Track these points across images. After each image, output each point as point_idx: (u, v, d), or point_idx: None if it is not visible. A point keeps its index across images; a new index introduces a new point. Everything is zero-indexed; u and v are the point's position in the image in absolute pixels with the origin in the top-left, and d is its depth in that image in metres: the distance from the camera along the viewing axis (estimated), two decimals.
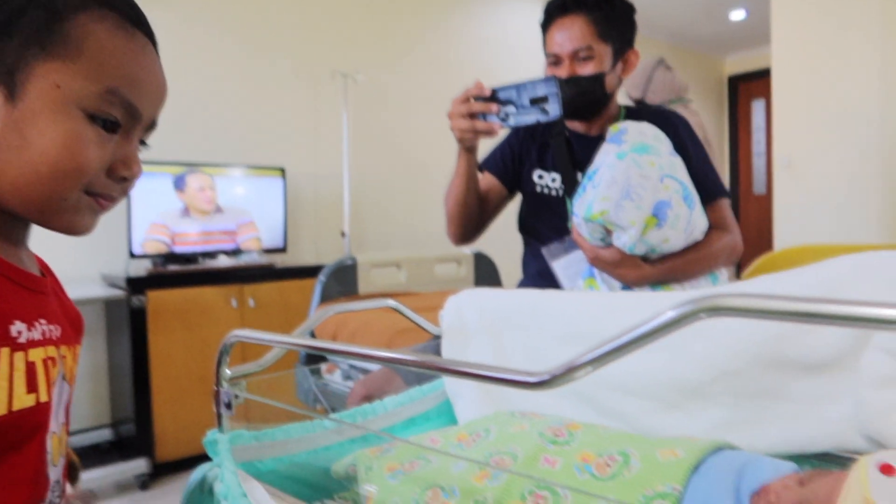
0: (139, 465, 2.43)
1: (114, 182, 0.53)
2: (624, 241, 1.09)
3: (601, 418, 0.80)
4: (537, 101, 1.08)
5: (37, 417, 0.48)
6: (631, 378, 0.77)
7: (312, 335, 1.80)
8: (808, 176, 4.10)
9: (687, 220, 1.14)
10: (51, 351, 0.49)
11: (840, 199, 3.97)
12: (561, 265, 1.32)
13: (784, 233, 4.22)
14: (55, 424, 0.48)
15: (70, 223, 0.51)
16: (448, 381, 0.95)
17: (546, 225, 1.36)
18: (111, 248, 2.72)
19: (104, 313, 2.73)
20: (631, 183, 1.07)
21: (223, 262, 2.74)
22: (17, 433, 0.46)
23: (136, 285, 2.41)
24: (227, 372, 0.73)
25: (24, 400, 0.46)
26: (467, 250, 3.13)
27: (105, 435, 2.72)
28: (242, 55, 3.09)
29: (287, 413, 0.91)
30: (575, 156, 1.32)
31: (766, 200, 5.54)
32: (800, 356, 0.65)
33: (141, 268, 2.60)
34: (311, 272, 2.67)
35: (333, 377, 2.06)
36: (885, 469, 0.44)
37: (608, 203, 1.06)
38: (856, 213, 3.92)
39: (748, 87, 5.92)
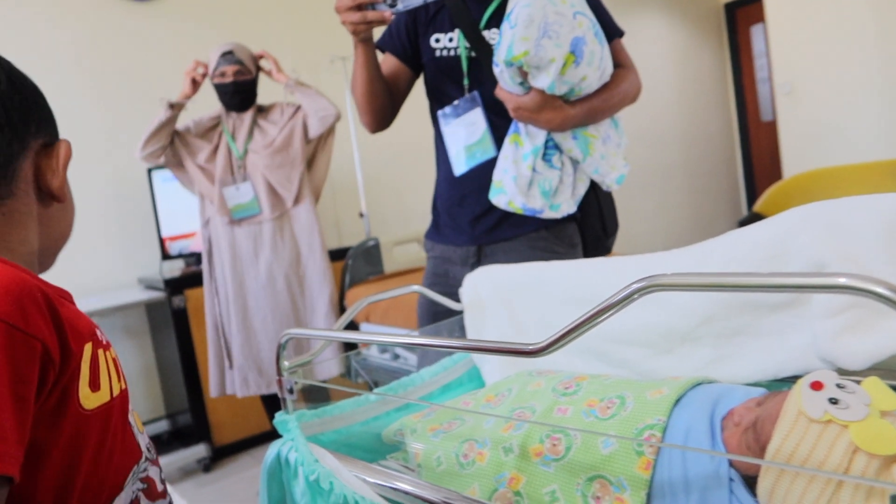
0: (199, 451, 2.63)
1: None
2: (544, 80, 1.10)
3: (608, 368, 0.93)
4: None
5: (125, 399, 0.60)
6: (629, 331, 0.89)
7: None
8: (811, 100, 4.10)
9: (600, 57, 1.17)
10: (112, 351, 0.61)
11: (843, 121, 3.98)
12: (451, 128, 1.31)
13: (792, 159, 4.25)
14: (131, 404, 0.63)
15: (54, 260, 0.68)
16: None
17: (447, 89, 1.33)
18: (144, 252, 2.87)
19: (146, 315, 2.91)
20: (548, 20, 1.08)
21: None
22: (120, 412, 0.58)
23: (174, 286, 2.57)
24: (286, 364, 0.86)
25: (116, 387, 0.58)
26: None
27: (163, 426, 2.93)
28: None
29: (338, 391, 1.05)
30: (470, 11, 1.29)
31: (773, 127, 5.53)
32: (766, 298, 0.76)
33: (175, 268, 2.75)
34: (337, 255, 2.79)
35: (370, 352, 2.22)
36: (815, 385, 0.56)
37: (528, 43, 1.06)
38: (860, 133, 3.93)
39: (745, 11, 5.84)
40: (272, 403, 2.47)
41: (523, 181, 1.18)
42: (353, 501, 0.70)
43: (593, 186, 1.34)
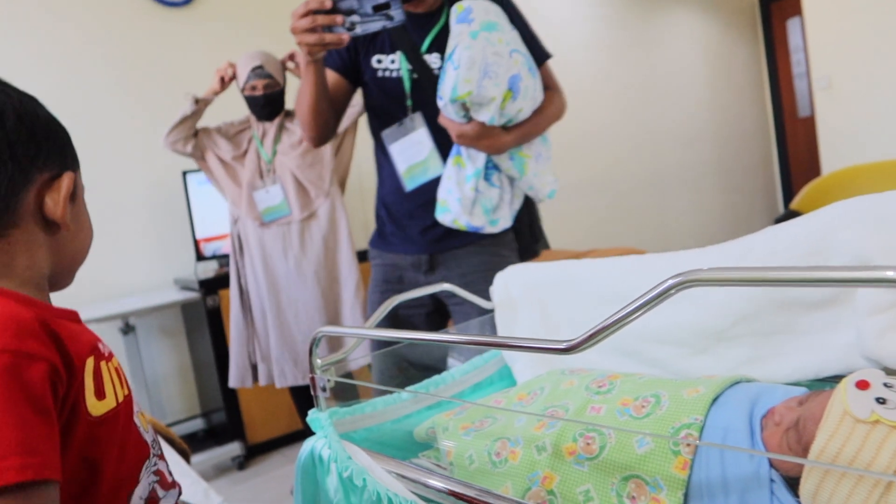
0: (234, 449, 2.67)
1: None
2: (485, 115, 1.20)
3: (641, 367, 0.91)
4: (380, 8, 1.10)
5: (129, 403, 0.67)
6: (663, 330, 0.88)
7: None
8: (849, 95, 3.99)
9: (534, 89, 1.29)
10: (114, 360, 0.67)
11: (883, 115, 3.85)
12: (397, 148, 1.38)
13: (831, 156, 4.13)
14: (136, 406, 0.69)
15: (72, 278, 0.72)
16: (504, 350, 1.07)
17: (389, 108, 1.40)
18: (179, 253, 2.93)
19: (182, 315, 2.97)
20: (488, 61, 1.17)
21: None
22: (126, 415, 0.65)
23: (208, 287, 2.62)
24: (318, 361, 0.87)
25: (120, 393, 0.64)
26: None
27: (198, 424, 2.99)
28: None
29: (371, 389, 1.06)
30: (411, 35, 1.36)
31: (811, 122, 5.40)
32: (805, 295, 0.74)
33: (209, 269, 2.80)
34: (366, 256, 2.80)
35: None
36: (861, 385, 0.54)
37: (471, 84, 1.16)
38: None
39: (781, 5, 5.71)
40: (301, 398, 2.50)
41: (467, 202, 1.28)
42: (387, 498, 0.71)
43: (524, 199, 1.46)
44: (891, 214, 0.69)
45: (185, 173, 2.71)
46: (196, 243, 2.75)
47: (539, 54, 1.39)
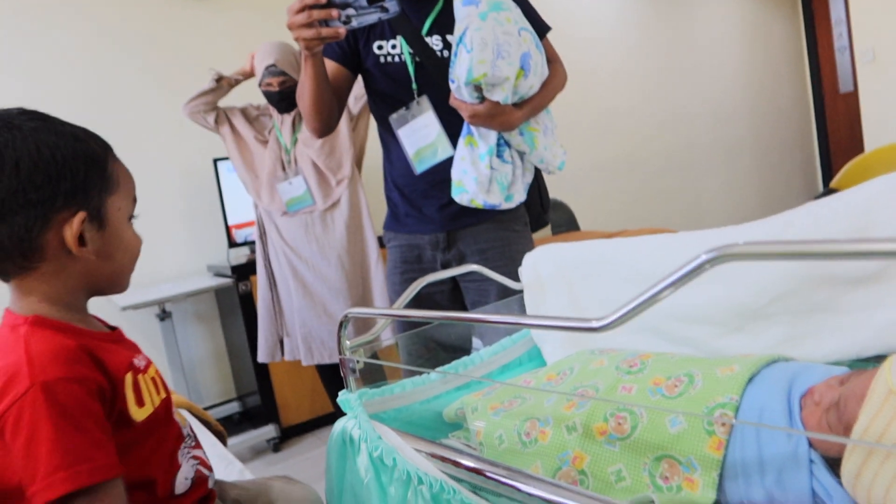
0: (269, 431, 2.72)
1: None
2: (499, 95, 1.21)
3: (673, 347, 0.89)
4: (375, 1, 1.10)
5: (168, 404, 0.78)
6: (695, 308, 0.86)
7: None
8: (895, 69, 3.83)
9: (542, 65, 1.30)
10: (151, 370, 0.78)
11: None
12: (405, 132, 1.39)
13: (875, 132, 3.98)
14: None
15: (127, 285, 0.80)
16: (533, 330, 1.07)
17: (395, 93, 1.40)
18: (212, 240, 2.98)
19: (216, 301, 3.02)
20: (499, 42, 1.18)
21: None
22: (164, 414, 0.77)
23: (240, 272, 2.65)
24: (348, 343, 0.88)
25: (156, 397, 0.76)
26: None
27: (234, 408, 3.05)
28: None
29: (401, 370, 1.06)
30: (410, 19, 1.36)
31: (853, 98, 5.20)
32: (847, 271, 0.72)
33: (241, 255, 2.84)
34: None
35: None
36: None
37: (486, 66, 1.17)
38: None
39: None
40: (330, 379, 2.53)
41: (484, 180, 1.29)
42: (417, 477, 0.71)
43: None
44: None
45: (216, 161, 2.74)
46: (228, 230, 2.79)
47: (540, 27, 1.40)
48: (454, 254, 1.41)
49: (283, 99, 2.28)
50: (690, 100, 4.84)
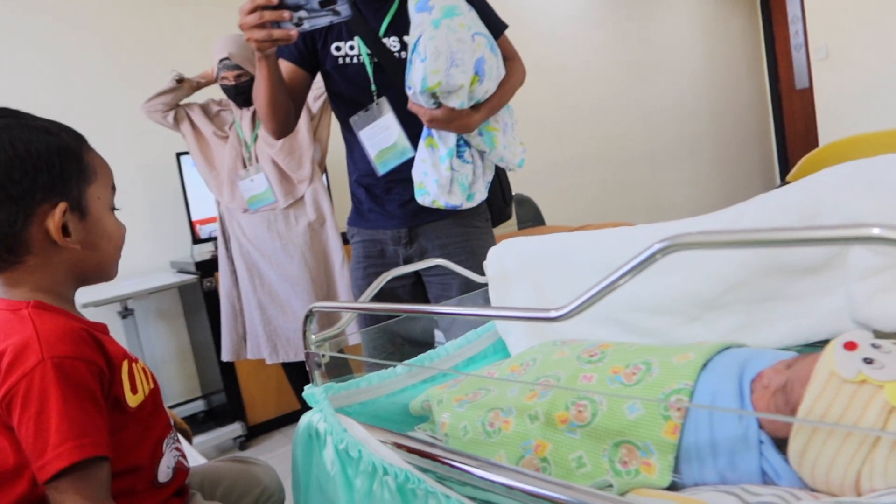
0: (235, 430, 2.69)
1: None
2: (455, 102, 1.23)
3: (634, 336, 0.92)
4: (327, 3, 1.10)
5: (157, 394, 0.81)
6: (655, 299, 0.88)
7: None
8: (848, 65, 3.95)
9: (497, 68, 1.31)
10: (140, 362, 0.80)
11: (882, 85, 3.82)
12: (366, 134, 1.40)
13: (828, 127, 4.11)
14: (165, 388, 0.86)
15: (114, 273, 0.82)
16: (498, 322, 1.08)
17: (354, 94, 1.41)
18: (175, 236, 2.92)
19: (180, 298, 2.97)
20: (453, 50, 1.19)
21: None
22: (152, 403, 0.79)
23: (204, 269, 2.61)
24: (313, 337, 0.87)
25: (146, 386, 0.78)
26: None
27: (199, 406, 3.00)
28: None
29: (363, 366, 1.06)
30: (367, 20, 1.36)
31: (808, 94, 5.35)
32: (796, 261, 0.74)
33: (206, 251, 2.79)
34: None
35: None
36: (849, 346, 0.54)
37: (439, 75, 1.18)
38: None
39: None
40: (296, 376, 2.52)
41: (445, 182, 1.31)
42: (382, 469, 0.71)
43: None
44: (880, 178, 0.69)
45: (178, 155, 2.69)
46: (192, 225, 2.74)
47: (497, 26, 1.41)
48: (416, 249, 1.42)
49: (239, 93, 2.24)
50: (654, 96, 4.93)
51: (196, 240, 2.76)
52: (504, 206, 1.54)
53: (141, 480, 0.76)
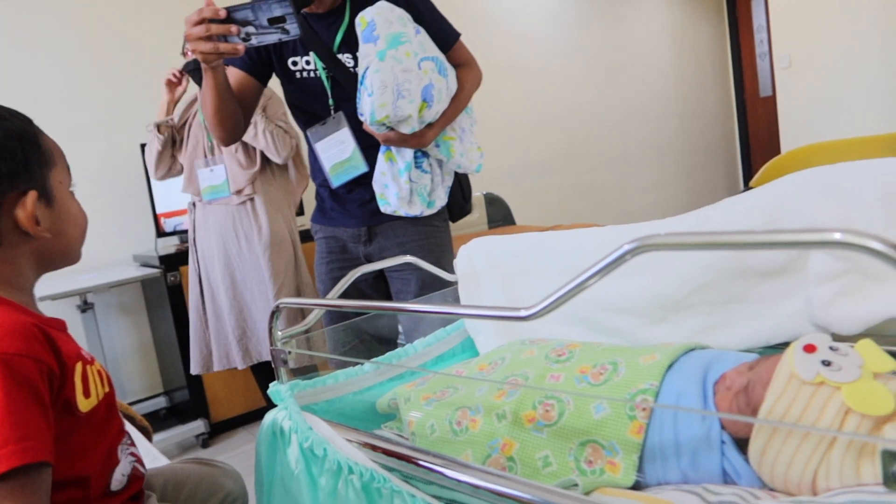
0: (198, 427, 2.64)
1: None
2: (405, 129, 1.25)
3: (602, 336, 0.92)
4: (276, 21, 1.08)
5: (111, 398, 0.77)
6: (622, 300, 0.89)
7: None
8: (810, 74, 4.06)
9: (447, 88, 1.32)
10: (96, 363, 0.77)
11: (843, 95, 3.94)
12: (322, 146, 1.42)
13: (791, 135, 4.22)
14: (123, 386, 0.82)
15: (79, 256, 0.80)
16: (467, 321, 1.08)
17: (312, 107, 1.42)
18: (139, 229, 2.85)
19: (142, 292, 2.90)
20: (398, 81, 1.20)
21: None
22: (105, 408, 0.75)
23: (168, 263, 2.56)
24: (279, 334, 0.86)
25: (101, 390, 0.74)
26: (477, 193, 3.19)
27: (161, 403, 2.94)
28: None
29: (329, 365, 1.05)
30: (320, 36, 1.36)
31: (772, 102, 5.49)
32: (759, 264, 0.76)
33: (170, 245, 2.74)
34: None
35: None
36: (808, 348, 0.56)
37: (386, 108, 1.20)
38: (860, 107, 3.90)
39: None
40: (262, 375, 2.48)
41: (405, 194, 1.34)
42: (347, 467, 0.71)
43: None
44: (844, 185, 0.71)
45: (143, 146, 2.63)
46: (156, 218, 2.68)
47: (449, 37, 1.40)
48: (375, 247, 1.44)
49: (197, 70, 2.20)
50: (623, 101, 5.00)
51: (160, 233, 2.70)
52: (463, 203, 1.57)
53: (93, 489, 0.72)
